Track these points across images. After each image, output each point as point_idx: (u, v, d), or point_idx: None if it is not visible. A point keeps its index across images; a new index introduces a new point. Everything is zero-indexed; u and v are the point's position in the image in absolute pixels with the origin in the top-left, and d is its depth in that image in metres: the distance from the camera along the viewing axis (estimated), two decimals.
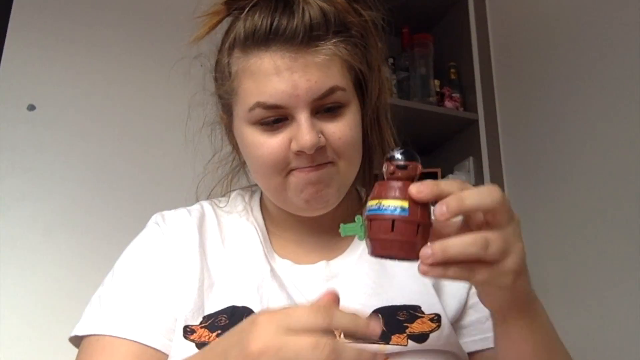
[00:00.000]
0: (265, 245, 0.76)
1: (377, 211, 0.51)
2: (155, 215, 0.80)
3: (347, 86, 0.69)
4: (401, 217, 0.50)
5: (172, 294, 0.70)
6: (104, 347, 0.67)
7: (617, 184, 1.33)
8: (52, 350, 1.29)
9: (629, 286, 1.26)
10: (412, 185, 0.50)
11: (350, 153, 0.70)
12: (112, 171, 1.52)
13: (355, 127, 0.70)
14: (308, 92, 0.65)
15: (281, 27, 0.65)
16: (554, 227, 1.51)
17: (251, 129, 0.68)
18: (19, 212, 1.41)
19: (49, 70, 1.54)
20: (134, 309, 0.69)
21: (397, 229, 0.50)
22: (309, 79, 0.65)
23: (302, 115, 0.65)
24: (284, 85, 0.65)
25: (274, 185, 0.70)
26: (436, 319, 0.69)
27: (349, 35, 0.69)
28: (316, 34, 0.66)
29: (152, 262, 0.73)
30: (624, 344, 1.26)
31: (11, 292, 1.34)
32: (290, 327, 0.45)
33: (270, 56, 0.65)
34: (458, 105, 1.87)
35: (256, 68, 0.66)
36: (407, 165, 0.52)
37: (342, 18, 0.69)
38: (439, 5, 2.01)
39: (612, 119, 1.38)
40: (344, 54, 0.68)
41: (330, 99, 0.67)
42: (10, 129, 1.46)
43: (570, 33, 1.55)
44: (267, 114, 0.66)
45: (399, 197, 0.51)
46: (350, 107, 0.70)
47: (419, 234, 0.50)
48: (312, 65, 0.65)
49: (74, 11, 1.61)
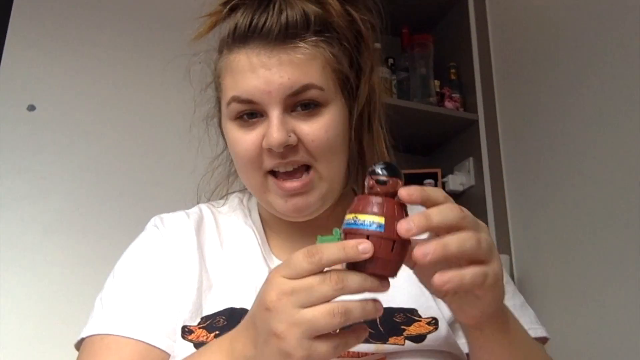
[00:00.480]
0: (263, 247, 0.76)
1: (352, 225, 0.50)
2: (154, 218, 0.80)
3: (326, 86, 0.68)
4: (377, 232, 0.49)
5: (172, 295, 0.70)
6: (108, 346, 0.67)
7: (617, 184, 1.33)
8: (52, 350, 1.29)
9: (629, 286, 1.26)
10: (402, 188, 0.49)
11: (327, 155, 0.68)
12: (111, 171, 1.52)
13: (333, 128, 0.69)
14: (280, 88, 0.65)
15: (259, 25, 0.66)
16: (553, 227, 1.51)
17: (231, 125, 0.70)
18: (19, 212, 1.41)
19: (49, 70, 1.54)
20: (138, 310, 0.69)
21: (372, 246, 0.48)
22: (282, 75, 0.65)
23: (274, 112, 0.66)
24: (257, 81, 0.65)
25: (255, 184, 0.71)
26: (433, 322, 0.69)
27: (335, 37, 0.69)
28: (293, 31, 0.66)
29: (152, 264, 0.73)
30: (624, 343, 1.26)
31: (11, 292, 1.34)
32: (305, 302, 0.47)
33: (247, 53, 0.67)
34: (458, 106, 1.87)
35: (235, 65, 0.68)
36: (387, 181, 0.50)
37: (327, 18, 0.69)
38: (439, 5, 2.01)
39: (612, 119, 1.38)
40: (326, 54, 0.68)
41: (304, 95, 0.66)
42: (10, 129, 1.46)
43: (570, 33, 1.55)
44: (241, 108, 0.67)
45: (376, 212, 0.49)
46: (330, 107, 0.69)
47: (394, 251, 0.49)
48: (287, 62, 0.66)
49: (74, 12, 1.61)
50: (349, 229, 0.50)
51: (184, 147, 0.88)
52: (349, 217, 0.51)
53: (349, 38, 0.71)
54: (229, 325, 0.66)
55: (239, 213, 0.80)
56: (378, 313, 0.50)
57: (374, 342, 0.66)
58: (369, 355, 0.65)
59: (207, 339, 0.66)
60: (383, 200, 0.50)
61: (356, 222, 0.50)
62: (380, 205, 0.50)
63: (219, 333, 0.66)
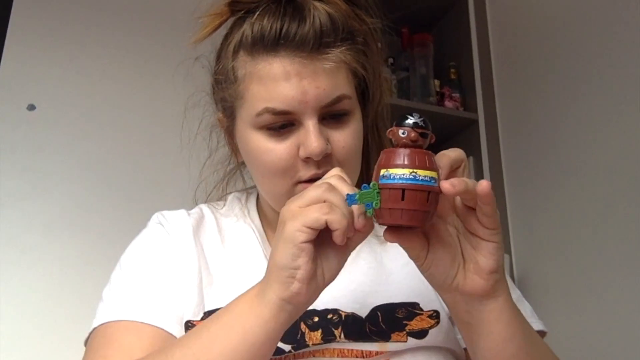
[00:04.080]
0: (264, 246, 0.76)
1: (387, 180, 0.51)
2: (156, 215, 0.80)
3: (352, 94, 0.69)
4: (411, 185, 0.50)
5: (176, 290, 0.71)
6: (127, 328, 0.67)
7: (617, 183, 1.33)
8: (52, 349, 1.29)
9: (629, 286, 1.26)
10: (444, 181, 0.50)
11: (352, 162, 0.70)
12: (112, 171, 1.52)
13: (358, 135, 0.70)
14: (317, 99, 0.65)
15: (291, 33, 0.64)
16: (553, 226, 1.51)
17: (257, 134, 0.68)
18: (19, 212, 1.41)
19: (49, 70, 1.54)
20: (150, 297, 0.69)
21: (408, 198, 0.49)
22: (317, 85, 0.65)
23: (310, 121, 0.65)
24: (293, 91, 0.64)
25: (279, 192, 0.70)
26: (435, 315, 0.69)
27: (354, 42, 0.70)
28: (326, 40, 0.66)
29: (158, 257, 0.74)
30: (624, 343, 1.26)
31: (11, 291, 1.34)
32: (302, 204, 0.53)
33: (280, 61, 0.65)
34: (458, 105, 1.87)
35: (265, 73, 0.66)
36: (428, 134, 0.52)
37: (349, 25, 0.68)
38: (439, 5, 2.01)
39: (612, 119, 1.38)
40: (350, 61, 0.68)
41: (338, 106, 0.67)
42: (10, 129, 1.46)
43: (570, 33, 1.55)
44: (275, 120, 0.66)
45: (408, 165, 0.50)
46: (355, 114, 0.70)
47: (429, 202, 0.50)
48: (321, 71, 0.65)
49: (74, 11, 1.61)
50: (382, 184, 0.51)
51: (184, 146, 0.88)
52: (382, 172, 0.51)
53: (362, 41, 0.71)
54: None
55: (238, 213, 0.81)
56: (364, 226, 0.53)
57: (377, 341, 0.67)
58: (373, 355, 0.65)
59: None
60: (412, 152, 0.51)
61: (391, 176, 0.50)
62: (411, 157, 0.51)
63: None
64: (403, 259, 0.74)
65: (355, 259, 0.75)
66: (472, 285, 0.56)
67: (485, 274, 0.55)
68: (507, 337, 0.59)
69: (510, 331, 0.59)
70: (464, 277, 0.56)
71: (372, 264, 0.74)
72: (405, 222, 0.51)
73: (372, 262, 0.75)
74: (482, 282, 0.55)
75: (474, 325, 0.59)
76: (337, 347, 0.66)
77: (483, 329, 0.59)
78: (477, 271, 0.55)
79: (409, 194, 0.50)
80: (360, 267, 0.74)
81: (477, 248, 0.55)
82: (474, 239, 0.55)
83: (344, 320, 0.68)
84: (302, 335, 0.67)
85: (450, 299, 0.59)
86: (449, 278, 0.56)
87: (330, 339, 0.67)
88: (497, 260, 0.55)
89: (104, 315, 0.69)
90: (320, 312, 0.69)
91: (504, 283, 0.57)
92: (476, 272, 0.56)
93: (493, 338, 0.59)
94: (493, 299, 0.57)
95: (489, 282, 0.55)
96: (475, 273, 0.56)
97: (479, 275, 0.55)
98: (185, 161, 0.86)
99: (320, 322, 0.68)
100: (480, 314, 0.58)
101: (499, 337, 0.59)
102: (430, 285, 0.60)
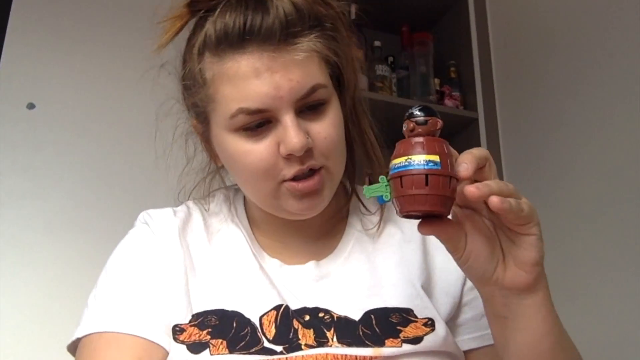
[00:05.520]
0: (253, 246, 0.74)
1: (406, 167, 0.50)
2: (142, 215, 0.78)
3: (327, 82, 0.66)
4: (435, 170, 0.50)
5: (163, 293, 0.69)
6: (108, 342, 0.65)
7: (617, 182, 1.33)
8: (53, 349, 1.29)
9: (629, 285, 1.26)
10: (468, 187, 0.50)
11: (337, 152, 0.67)
12: (111, 169, 1.52)
13: (338, 124, 0.68)
14: (291, 92, 0.62)
15: (256, 26, 0.61)
16: (553, 225, 1.51)
17: (233, 137, 0.65)
18: (19, 211, 1.41)
19: (49, 69, 1.54)
20: (135, 306, 0.68)
21: (432, 183, 0.50)
22: (290, 78, 0.62)
23: (287, 116, 0.62)
24: (266, 87, 0.61)
25: (264, 193, 0.67)
26: (430, 323, 0.68)
27: (323, 29, 0.66)
28: (293, 30, 0.62)
29: (145, 261, 0.72)
30: (624, 343, 1.26)
31: (11, 290, 1.34)
32: None
33: (248, 58, 0.62)
34: (458, 104, 1.87)
35: (234, 72, 0.62)
36: (427, 121, 0.52)
37: (315, 11, 0.65)
38: (439, 4, 2.01)
39: (612, 118, 1.38)
40: (321, 49, 0.65)
41: (314, 97, 0.64)
42: (10, 128, 1.46)
43: (570, 32, 1.55)
44: (250, 120, 0.63)
45: (426, 152, 0.50)
46: (332, 103, 0.67)
47: (451, 188, 0.50)
48: (292, 63, 0.62)
49: (74, 10, 1.60)
50: (403, 171, 0.51)
51: (183, 146, 0.88)
52: (400, 160, 0.51)
53: (330, 26, 0.68)
54: (221, 325, 0.65)
55: (226, 212, 0.78)
56: None
57: (371, 346, 0.65)
58: (366, 359, 0.64)
59: (200, 337, 0.65)
60: (426, 139, 0.51)
61: (411, 163, 0.50)
62: (427, 144, 0.51)
63: (211, 331, 0.65)
64: (396, 258, 0.73)
65: (347, 258, 0.74)
66: (514, 278, 0.55)
67: (528, 266, 0.54)
68: (545, 331, 0.58)
69: (548, 326, 0.58)
70: (504, 270, 0.55)
71: (365, 266, 0.73)
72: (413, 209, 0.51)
73: (365, 263, 0.73)
74: (525, 275, 0.54)
75: (511, 319, 0.58)
76: (330, 352, 0.63)
77: (520, 324, 0.57)
78: (519, 264, 0.54)
79: (406, 180, 0.50)
80: (355, 269, 0.72)
81: (516, 241, 0.54)
82: (511, 232, 0.54)
83: (336, 321, 0.67)
84: (295, 333, 0.65)
85: (488, 293, 0.58)
86: (489, 272, 0.55)
87: (322, 342, 0.65)
88: (539, 252, 0.54)
89: (87, 326, 0.67)
90: (311, 310, 0.67)
91: (545, 277, 0.56)
92: (518, 265, 0.54)
93: (531, 332, 0.58)
94: (533, 292, 0.56)
95: (532, 274, 0.54)
96: (517, 266, 0.54)
97: (522, 268, 0.54)
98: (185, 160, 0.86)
99: (312, 320, 0.66)
100: (519, 308, 0.57)
101: (537, 332, 0.58)
102: (469, 278, 0.59)
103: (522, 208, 0.51)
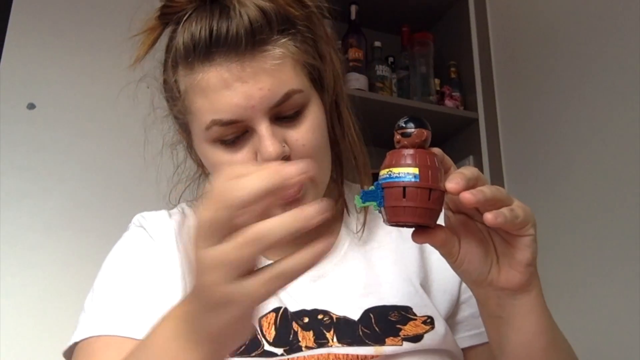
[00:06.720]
0: None
1: (388, 179, 0.52)
2: (136, 217, 0.78)
3: (303, 86, 0.64)
4: (412, 183, 0.51)
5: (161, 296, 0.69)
6: (107, 344, 0.65)
7: (617, 182, 1.33)
8: (53, 349, 1.29)
9: (630, 285, 1.26)
10: (463, 193, 0.50)
11: (318, 157, 0.66)
12: (111, 170, 1.52)
13: (318, 127, 0.66)
14: (263, 101, 0.61)
15: (222, 35, 0.60)
16: (553, 225, 1.51)
17: (212, 148, 0.65)
18: (19, 211, 1.41)
19: (49, 69, 1.54)
20: (132, 309, 0.68)
21: (409, 196, 0.51)
22: (261, 87, 0.61)
23: (261, 125, 0.61)
24: (237, 98, 0.60)
25: None
26: (429, 321, 0.68)
27: (296, 31, 0.65)
28: (260, 37, 0.61)
29: (142, 263, 0.72)
30: (624, 343, 1.26)
31: (11, 290, 1.34)
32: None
33: (217, 69, 0.61)
34: (458, 104, 1.87)
35: (205, 84, 0.61)
36: (412, 132, 0.52)
37: (285, 13, 0.63)
38: (439, 4, 2.00)
39: (612, 118, 1.38)
40: (295, 53, 0.64)
41: (289, 104, 0.63)
42: (10, 128, 1.46)
43: (570, 32, 1.55)
44: (225, 131, 0.62)
45: (409, 164, 0.52)
46: (311, 107, 0.66)
47: (431, 200, 0.51)
48: (262, 72, 0.61)
49: (74, 11, 1.61)
50: (386, 183, 0.52)
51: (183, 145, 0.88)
52: (384, 172, 0.53)
53: (305, 27, 0.66)
54: None
55: None
56: (321, 251, 0.46)
57: (372, 344, 0.65)
58: (369, 359, 0.64)
59: None
60: (414, 151, 0.52)
61: (391, 176, 0.52)
62: (412, 156, 0.52)
63: None
64: (393, 256, 0.73)
65: (343, 257, 0.73)
66: (508, 278, 0.55)
67: (522, 267, 0.55)
68: (539, 330, 0.58)
69: (542, 325, 0.58)
70: (499, 272, 0.56)
71: (362, 264, 0.72)
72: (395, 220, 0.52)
73: (361, 260, 0.73)
74: (519, 276, 0.55)
75: (505, 319, 0.58)
76: (332, 352, 0.64)
77: (515, 323, 0.58)
78: (513, 265, 0.55)
79: (386, 192, 0.52)
80: (351, 268, 0.72)
81: (511, 242, 0.55)
82: (507, 234, 0.55)
83: (336, 322, 0.67)
84: (295, 335, 0.65)
85: (482, 294, 0.58)
86: (483, 273, 0.56)
87: (323, 343, 0.65)
88: (533, 252, 0.54)
89: (84, 330, 0.67)
90: (310, 312, 0.67)
91: (537, 276, 0.57)
92: (512, 266, 0.55)
93: (525, 331, 0.58)
94: (527, 292, 0.56)
95: (525, 275, 0.55)
96: (510, 267, 0.55)
97: (515, 269, 0.55)
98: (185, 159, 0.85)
99: (311, 322, 0.66)
100: (513, 307, 0.57)
101: (531, 331, 0.58)
102: (464, 281, 0.60)
103: (517, 215, 0.52)
